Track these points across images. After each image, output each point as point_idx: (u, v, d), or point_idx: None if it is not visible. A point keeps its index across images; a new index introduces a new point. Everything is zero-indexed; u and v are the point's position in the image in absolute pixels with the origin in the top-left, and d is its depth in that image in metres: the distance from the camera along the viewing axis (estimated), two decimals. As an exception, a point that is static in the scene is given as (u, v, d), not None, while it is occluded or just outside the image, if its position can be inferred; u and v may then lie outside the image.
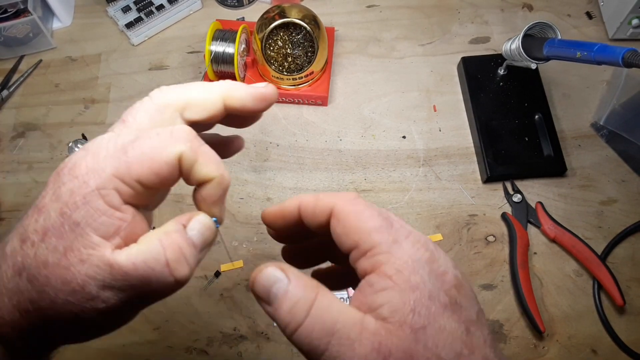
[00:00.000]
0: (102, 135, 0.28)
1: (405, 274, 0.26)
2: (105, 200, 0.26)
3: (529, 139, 0.64)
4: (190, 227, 0.29)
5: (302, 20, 0.61)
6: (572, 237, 0.59)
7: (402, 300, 0.25)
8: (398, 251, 0.26)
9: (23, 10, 0.68)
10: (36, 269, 0.26)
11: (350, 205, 0.28)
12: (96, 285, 0.26)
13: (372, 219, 0.27)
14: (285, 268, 0.28)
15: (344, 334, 0.25)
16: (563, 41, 0.54)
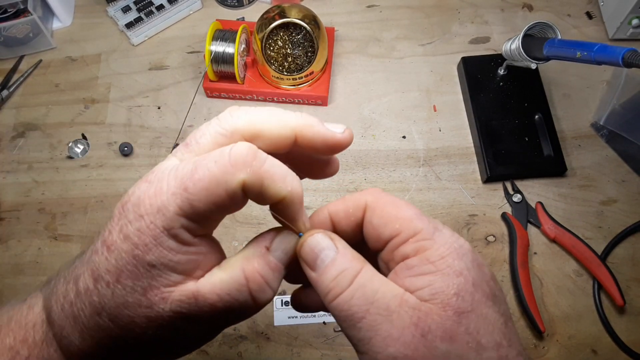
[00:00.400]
0: (164, 163, 0.27)
1: (449, 260, 0.25)
2: (176, 240, 0.25)
3: (529, 139, 0.64)
4: (274, 248, 0.28)
5: (302, 20, 0.61)
6: (572, 237, 0.59)
7: (445, 284, 0.25)
8: (441, 238, 0.26)
9: (23, 10, 0.68)
10: (116, 309, 0.25)
11: (384, 197, 0.28)
12: (182, 319, 0.26)
13: (409, 208, 0.27)
14: (334, 237, 0.28)
15: (383, 304, 0.25)
16: (563, 41, 0.54)
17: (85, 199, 0.63)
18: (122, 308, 0.25)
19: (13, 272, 0.60)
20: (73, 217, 0.62)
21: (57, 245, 0.61)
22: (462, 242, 0.27)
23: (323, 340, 0.56)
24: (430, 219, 0.27)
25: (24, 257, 0.60)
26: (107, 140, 0.67)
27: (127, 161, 0.65)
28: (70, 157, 0.66)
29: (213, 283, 0.26)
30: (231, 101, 0.69)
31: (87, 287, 0.26)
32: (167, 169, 0.26)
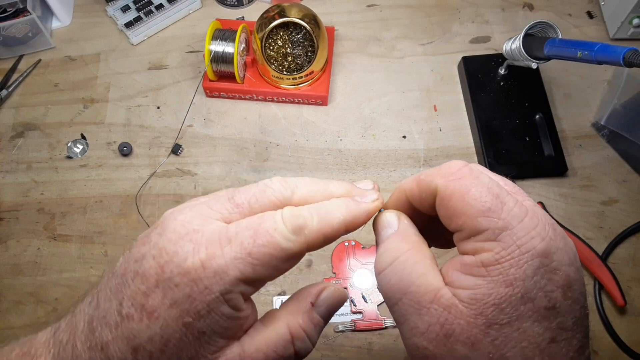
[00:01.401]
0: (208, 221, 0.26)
1: (505, 267, 0.24)
2: (230, 305, 0.25)
3: (530, 138, 0.63)
4: (319, 304, 0.28)
5: (302, 19, 0.61)
6: (573, 237, 0.58)
7: (488, 292, 0.24)
8: (507, 239, 0.24)
9: (22, 10, 0.68)
10: None
11: (453, 183, 0.25)
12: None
13: (480, 200, 0.25)
14: (402, 217, 0.29)
15: (416, 297, 0.25)
16: (564, 41, 0.54)
17: (85, 198, 0.63)
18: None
19: (12, 272, 0.59)
20: (72, 217, 0.62)
21: (56, 245, 0.61)
22: (534, 243, 0.24)
23: (323, 341, 0.55)
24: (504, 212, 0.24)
25: (23, 257, 0.60)
26: (107, 140, 0.67)
27: (126, 161, 0.65)
28: (69, 157, 0.66)
29: (258, 342, 0.26)
30: (231, 101, 0.69)
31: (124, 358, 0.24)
32: (215, 230, 0.25)
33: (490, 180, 0.25)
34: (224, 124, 0.67)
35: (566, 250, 0.25)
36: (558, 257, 0.24)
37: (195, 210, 0.26)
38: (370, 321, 0.55)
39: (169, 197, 0.63)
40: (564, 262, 0.24)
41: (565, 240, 0.25)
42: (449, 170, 0.26)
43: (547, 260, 0.24)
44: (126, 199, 0.63)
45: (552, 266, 0.24)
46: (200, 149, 0.66)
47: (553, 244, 0.24)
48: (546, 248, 0.24)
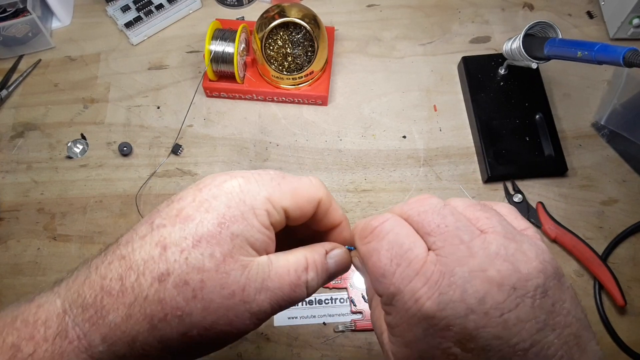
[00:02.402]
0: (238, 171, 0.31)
1: (401, 330, 0.26)
2: (259, 220, 0.28)
3: (530, 138, 0.63)
4: (331, 256, 0.32)
5: (302, 19, 0.61)
6: (573, 237, 0.58)
7: (396, 351, 0.27)
8: (398, 304, 0.26)
9: (22, 10, 0.68)
10: (187, 274, 0.26)
11: (363, 248, 0.29)
12: (255, 288, 0.27)
13: (376, 266, 0.27)
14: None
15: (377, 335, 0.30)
16: (564, 41, 0.54)
17: (85, 198, 0.63)
18: (194, 273, 0.26)
19: (12, 272, 0.59)
20: (72, 217, 0.62)
21: (56, 245, 0.61)
22: (418, 306, 0.25)
23: (323, 341, 0.55)
24: (395, 278, 0.26)
25: (23, 257, 0.60)
26: (107, 140, 0.67)
27: (126, 161, 0.65)
28: (69, 157, 0.66)
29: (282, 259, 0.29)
30: (231, 101, 0.69)
31: (150, 257, 0.26)
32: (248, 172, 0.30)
33: (395, 238, 0.27)
34: (224, 124, 0.67)
35: (465, 298, 0.24)
36: (449, 313, 0.24)
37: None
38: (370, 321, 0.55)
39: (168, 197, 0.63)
40: (459, 314, 0.24)
41: (468, 284, 0.24)
42: (366, 229, 0.29)
43: (435, 320, 0.24)
44: (126, 199, 0.63)
45: (442, 324, 0.24)
46: (201, 149, 0.66)
47: (443, 298, 0.24)
48: (432, 307, 0.24)
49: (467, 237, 0.26)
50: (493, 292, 0.24)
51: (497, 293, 0.24)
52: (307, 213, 0.31)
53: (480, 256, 0.25)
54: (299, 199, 0.30)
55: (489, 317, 0.24)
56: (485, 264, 0.25)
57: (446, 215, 0.27)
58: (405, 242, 0.27)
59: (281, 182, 0.30)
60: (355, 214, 0.62)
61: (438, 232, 0.27)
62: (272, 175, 0.30)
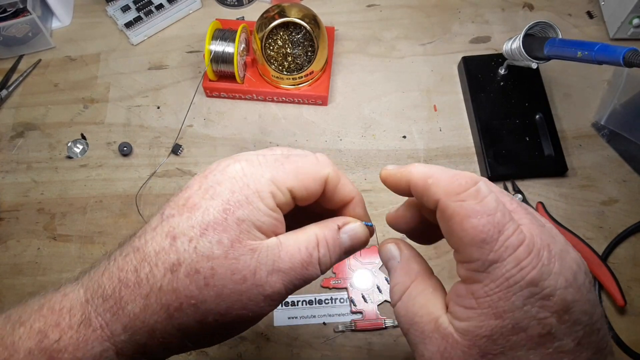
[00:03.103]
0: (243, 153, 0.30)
1: (494, 299, 0.24)
2: (264, 202, 0.28)
3: (530, 138, 0.63)
4: (344, 230, 0.31)
5: (302, 19, 0.61)
6: (573, 237, 0.58)
7: (480, 324, 0.24)
8: (496, 272, 0.24)
9: (22, 10, 0.68)
10: (197, 263, 0.26)
11: (454, 205, 0.26)
12: (266, 271, 0.27)
13: (475, 229, 0.24)
14: (402, 248, 0.31)
15: (420, 327, 0.27)
16: (564, 41, 0.54)
17: (85, 198, 0.63)
18: (204, 261, 0.26)
19: (12, 273, 0.59)
20: (72, 217, 0.62)
21: (56, 246, 0.61)
22: (524, 274, 0.24)
23: (323, 341, 0.55)
24: (498, 244, 0.24)
25: (23, 257, 0.60)
26: (107, 140, 0.67)
27: (126, 161, 0.65)
28: (69, 157, 0.66)
29: (292, 238, 0.29)
30: (231, 101, 0.69)
31: (161, 248, 0.27)
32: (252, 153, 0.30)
33: (497, 205, 0.25)
34: (224, 124, 0.67)
35: (563, 272, 0.24)
36: (551, 283, 0.24)
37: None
38: (370, 321, 0.55)
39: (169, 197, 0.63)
40: (559, 285, 0.24)
41: (562, 260, 0.24)
42: (454, 187, 0.26)
43: (538, 289, 0.24)
44: (126, 199, 0.63)
45: (544, 293, 0.24)
46: (201, 149, 0.66)
47: (546, 269, 0.24)
48: (537, 276, 0.24)
49: (543, 221, 0.27)
50: (580, 271, 0.25)
51: (581, 273, 0.25)
52: (314, 192, 0.30)
53: (559, 240, 0.26)
54: (304, 178, 0.29)
55: (581, 292, 0.24)
56: (563, 244, 0.25)
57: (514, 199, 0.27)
58: (506, 211, 0.25)
59: (285, 162, 0.29)
60: (355, 214, 0.62)
61: (520, 211, 0.26)
62: (276, 156, 0.30)
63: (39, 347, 0.27)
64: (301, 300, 0.57)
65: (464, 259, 0.25)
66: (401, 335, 0.55)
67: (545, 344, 0.24)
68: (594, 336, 0.25)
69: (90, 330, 0.27)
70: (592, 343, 0.25)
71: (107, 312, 0.27)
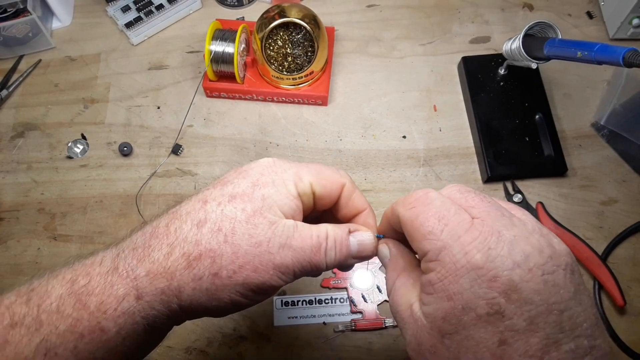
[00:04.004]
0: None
1: (445, 284, 0.27)
2: (287, 189, 0.33)
3: (530, 138, 0.63)
4: (354, 235, 0.35)
5: (302, 19, 0.61)
6: (572, 237, 0.58)
7: (436, 307, 0.27)
8: (445, 258, 0.27)
9: (22, 10, 0.68)
10: (221, 222, 0.31)
11: (407, 212, 0.30)
12: (279, 243, 0.31)
13: (423, 225, 0.29)
14: (391, 246, 0.35)
15: (400, 314, 0.31)
16: (563, 41, 0.54)
17: (85, 198, 0.63)
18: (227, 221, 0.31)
19: (12, 272, 0.59)
20: (72, 217, 0.62)
21: (56, 245, 0.61)
22: (469, 258, 0.26)
23: (323, 341, 0.55)
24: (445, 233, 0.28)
25: (24, 257, 0.60)
26: (107, 140, 0.67)
27: (126, 161, 0.65)
28: (69, 157, 0.66)
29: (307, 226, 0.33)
30: (231, 101, 0.69)
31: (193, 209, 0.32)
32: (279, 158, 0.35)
33: (442, 204, 0.29)
34: (224, 124, 0.67)
35: (512, 255, 0.26)
36: (498, 264, 0.26)
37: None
38: (370, 321, 0.55)
39: (169, 197, 0.63)
40: (506, 267, 0.26)
41: (514, 245, 0.26)
42: (408, 200, 0.31)
43: (484, 271, 0.26)
44: (126, 199, 0.63)
45: (490, 275, 0.26)
46: (201, 149, 0.66)
47: (492, 252, 0.26)
48: (483, 258, 0.26)
49: (507, 213, 0.29)
50: (535, 254, 0.26)
51: (538, 256, 0.26)
52: (332, 194, 0.35)
53: (520, 228, 0.27)
54: (323, 179, 0.34)
55: (532, 273, 0.26)
56: (526, 233, 0.27)
57: (485, 197, 0.30)
58: (452, 207, 0.29)
59: (309, 165, 0.35)
60: (355, 214, 0.62)
61: (481, 205, 0.29)
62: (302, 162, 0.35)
63: (69, 291, 0.30)
64: (301, 300, 0.57)
65: (421, 254, 0.29)
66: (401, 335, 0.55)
67: (495, 322, 0.26)
68: (552, 316, 0.25)
69: (117, 275, 0.31)
70: (549, 323, 0.25)
71: (133, 259, 0.31)
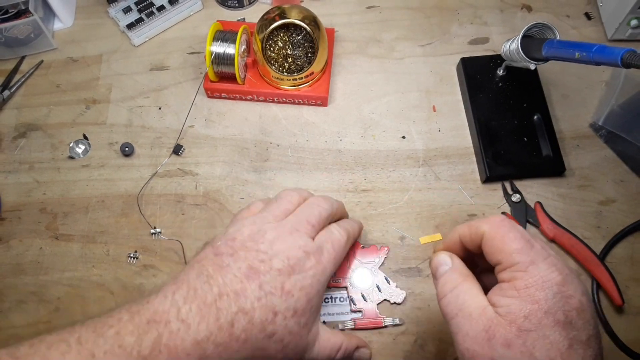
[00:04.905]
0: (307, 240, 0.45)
1: (531, 290, 0.32)
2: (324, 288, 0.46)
3: (528, 139, 0.64)
4: (358, 351, 0.50)
5: (302, 21, 0.62)
6: (571, 237, 0.59)
7: (519, 307, 0.32)
8: (533, 270, 0.33)
9: (24, 11, 0.69)
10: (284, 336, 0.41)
11: (496, 229, 0.36)
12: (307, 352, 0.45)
13: (515, 241, 0.34)
14: (453, 257, 0.39)
15: (468, 312, 0.34)
16: (562, 42, 0.55)
17: (87, 198, 0.64)
18: (287, 334, 0.41)
19: (14, 272, 0.60)
20: (74, 217, 0.63)
21: (58, 245, 0.61)
22: (553, 276, 0.32)
23: (323, 340, 0.56)
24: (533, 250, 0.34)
25: (25, 257, 0.61)
26: (108, 140, 0.67)
27: (128, 161, 0.66)
28: (71, 157, 0.66)
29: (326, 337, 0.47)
30: (232, 101, 0.69)
31: (265, 320, 0.39)
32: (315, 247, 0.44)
33: (524, 230, 0.35)
34: (225, 124, 0.68)
35: (578, 285, 0.33)
36: (572, 288, 0.32)
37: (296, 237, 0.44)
38: (369, 320, 0.56)
39: (170, 197, 0.63)
40: (578, 291, 0.33)
41: (577, 278, 0.34)
42: (494, 220, 0.36)
43: (564, 289, 0.32)
44: (128, 198, 0.63)
45: (567, 293, 0.32)
46: (202, 149, 0.66)
47: (568, 278, 0.33)
48: (563, 280, 0.32)
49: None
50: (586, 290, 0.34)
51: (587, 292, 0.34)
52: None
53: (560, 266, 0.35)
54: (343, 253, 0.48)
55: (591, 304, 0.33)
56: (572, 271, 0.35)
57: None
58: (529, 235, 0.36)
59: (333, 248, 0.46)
60: (355, 214, 0.62)
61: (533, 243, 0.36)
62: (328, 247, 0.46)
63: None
64: (301, 300, 0.57)
65: (508, 265, 0.34)
66: (400, 334, 0.55)
67: (567, 329, 0.31)
68: (598, 341, 0.32)
69: None
70: (596, 344, 0.32)
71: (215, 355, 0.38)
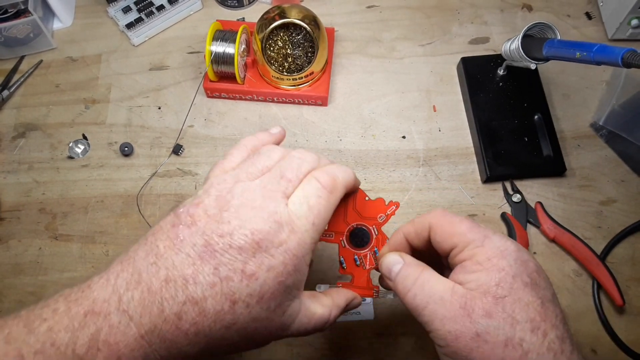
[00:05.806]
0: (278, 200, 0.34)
1: (494, 260, 0.33)
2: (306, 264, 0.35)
3: (529, 139, 0.64)
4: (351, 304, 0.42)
5: (302, 20, 0.61)
6: (571, 237, 0.59)
7: (488, 277, 0.33)
8: (489, 244, 0.34)
9: (24, 11, 0.68)
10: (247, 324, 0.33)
11: (441, 218, 0.37)
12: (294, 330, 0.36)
13: (463, 223, 0.36)
14: (402, 254, 0.38)
15: (439, 296, 0.34)
16: (562, 41, 0.55)
17: (86, 198, 0.63)
18: (252, 322, 0.33)
19: (13, 272, 0.60)
20: (74, 217, 0.62)
21: (57, 245, 0.61)
22: (508, 244, 0.34)
23: (323, 341, 0.56)
24: (482, 228, 0.35)
25: (25, 257, 0.60)
26: (108, 140, 0.67)
27: (127, 161, 0.66)
28: (70, 157, 0.66)
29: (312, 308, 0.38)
30: (231, 101, 0.69)
31: (221, 310, 0.31)
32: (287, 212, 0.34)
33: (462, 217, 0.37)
34: (225, 124, 0.68)
35: (527, 251, 0.35)
36: (525, 253, 0.35)
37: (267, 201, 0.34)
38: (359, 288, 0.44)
39: (170, 197, 0.63)
40: (530, 256, 0.35)
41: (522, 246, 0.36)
42: (436, 212, 0.37)
43: (520, 254, 0.34)
44: (127, 199, 0.63)
45: (524, 258, 0.34)
46: (201, 149, 0.66)
47: (519, 246, 0.35)
48: (517, 247, 0.34)
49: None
50: None
51: None
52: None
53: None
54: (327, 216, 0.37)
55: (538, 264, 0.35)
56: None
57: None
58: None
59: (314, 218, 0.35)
60: (355, 214, 0.62)
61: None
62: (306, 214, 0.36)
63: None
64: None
65: (464, 244, 0.35)
66: (401, 334, 0.55)
67: (536, 289, 0.33)
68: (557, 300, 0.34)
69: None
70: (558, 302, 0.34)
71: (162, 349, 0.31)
